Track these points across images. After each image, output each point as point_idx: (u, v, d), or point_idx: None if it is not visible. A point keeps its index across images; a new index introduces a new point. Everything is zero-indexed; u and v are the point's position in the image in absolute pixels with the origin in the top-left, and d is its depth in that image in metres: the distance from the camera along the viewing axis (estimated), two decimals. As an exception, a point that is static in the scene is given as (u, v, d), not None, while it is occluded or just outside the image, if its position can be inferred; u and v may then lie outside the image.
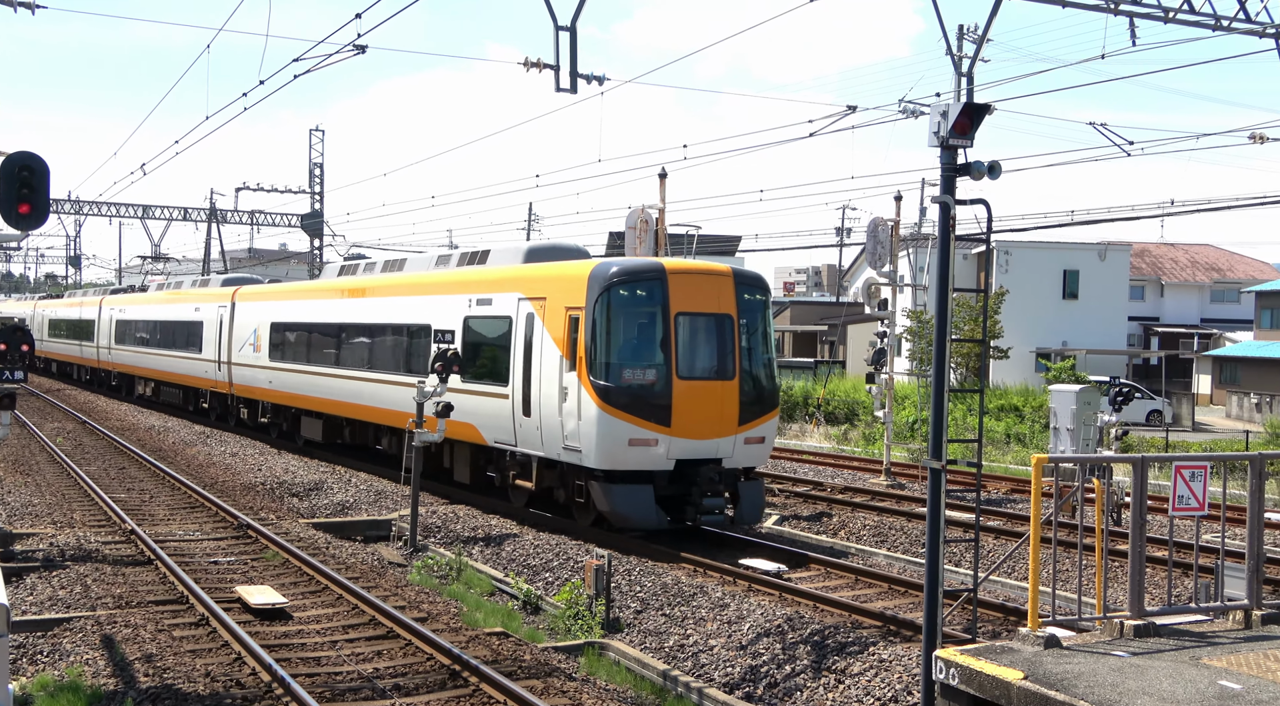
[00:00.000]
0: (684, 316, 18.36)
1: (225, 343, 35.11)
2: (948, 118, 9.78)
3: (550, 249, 22.89)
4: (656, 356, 18.33)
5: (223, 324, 35.43)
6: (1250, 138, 21.95)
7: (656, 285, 18.23)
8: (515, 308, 20.14)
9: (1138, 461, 8.48)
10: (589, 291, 18.34)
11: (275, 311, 32.15)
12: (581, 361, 18.11)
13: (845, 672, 12.55)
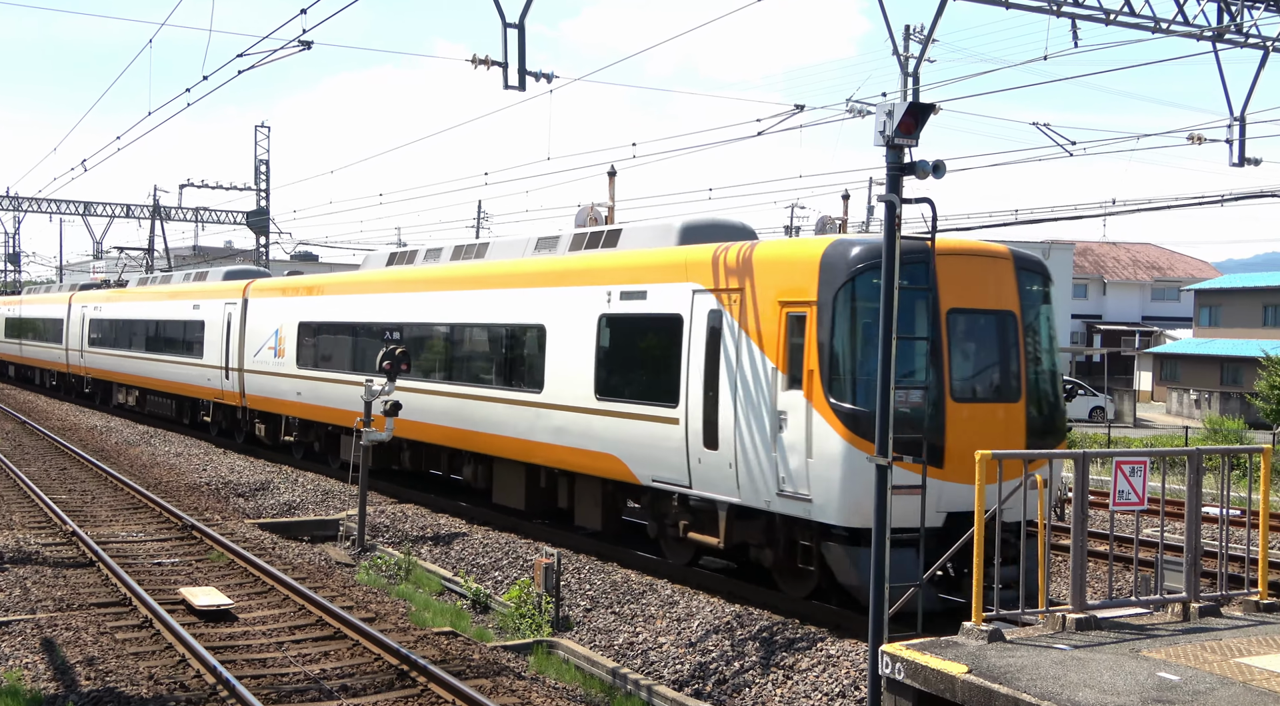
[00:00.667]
0: (959, 314, 13.60)
1: (235, 346, 29.68)
2: (893, 117, 9.87)
3: (714, 226, 17.12)
4: (923, 370, 13.18)
5: (231, 324, 30.07)
6: (1189, 139, 22.32)
7: (921, 271, 12.74)
8: (688, 302, 14.97)
9: (1079, 457, 8.60)
10: (824, 279, 13.36)
11: (305, 309, 26.67)
12: (813, 376, 13.14)
13: (794, 668, 12.63)
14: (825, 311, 13.19)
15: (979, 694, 6.98)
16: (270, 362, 27.80)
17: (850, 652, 12.53)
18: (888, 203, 10.06)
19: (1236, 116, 21.59)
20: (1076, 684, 6.83)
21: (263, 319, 28.50)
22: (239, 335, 29.43)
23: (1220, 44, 20.12)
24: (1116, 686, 6.78)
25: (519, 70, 15.30)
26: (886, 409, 9.78)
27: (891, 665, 7.70)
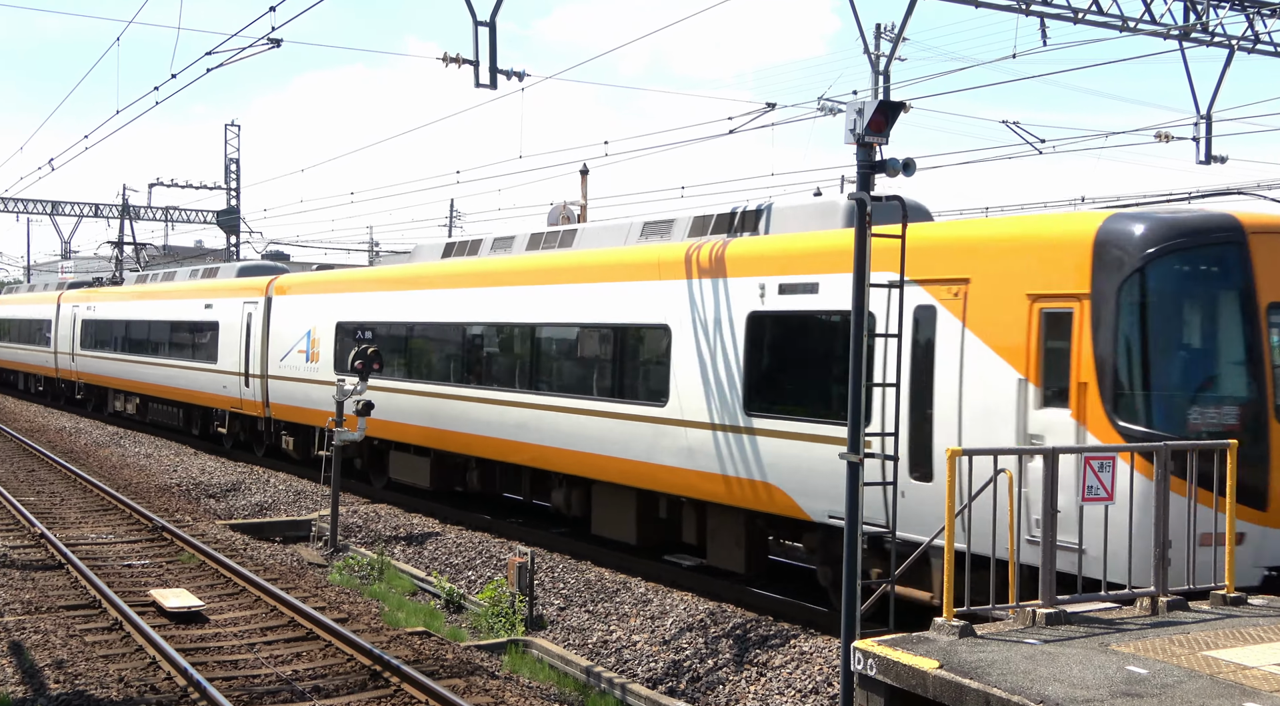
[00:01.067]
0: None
1: (257, 350, 26.49)
2: (863, 115, 9.89)
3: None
4: (1239, 382, 10.60)
5: (251, 326, 26.89)
6: (1156, 137, 22.50)
7: (1233, 255, 10.40)
8: (883, 296, 11.00)
9: (1049, 453, 8.66)
10: (1100, 265, 10.49)
11: (347, 308, 23.22)
12: (1086, 390, 10.27)
13: (767, 665, 12.66)
14: (1107, 307, 10.33)
15: (950, 689, 7.02)
16: (302, 368, 24.39)
17: (823, 649, 12.58)
18: (858, 200, 10.08)
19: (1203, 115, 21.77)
20: (1046, 678, 6.87)
21: (291, 319, 25.28)
22: (261, 337, 26.27)
23: (1187, 43, 20.28)
24: (1085, 680, 6.83)
25: (490, 68, 15.28)
26: (858, 405, 9.81)
27: (864, 661, 7.73)
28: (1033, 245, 11.22)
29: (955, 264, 11.62)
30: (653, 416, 15.19)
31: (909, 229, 10.46)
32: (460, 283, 20.04)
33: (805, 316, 13.40)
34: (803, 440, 12.97)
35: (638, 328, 15.72)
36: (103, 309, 38.17)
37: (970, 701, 6.89)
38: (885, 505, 10.58)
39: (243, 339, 27.15)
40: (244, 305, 27.44)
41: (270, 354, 25.90)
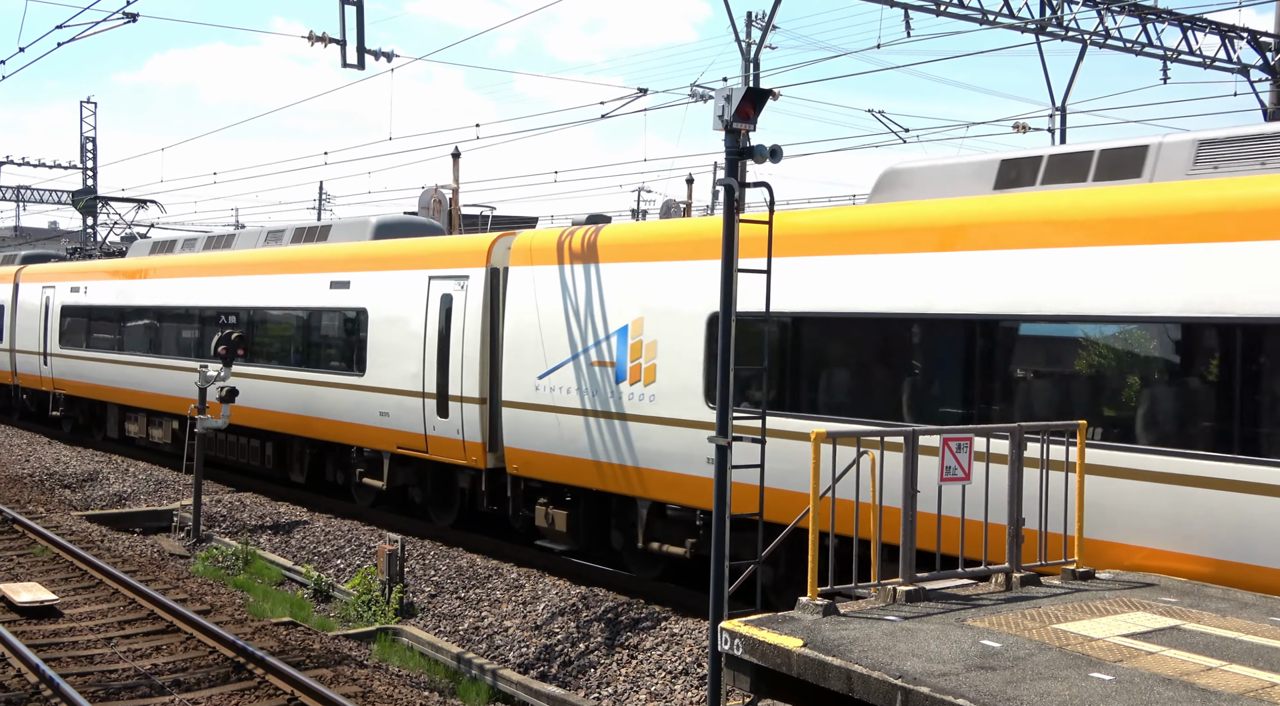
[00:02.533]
0: None
1: (475, 358, 16.46)
2: (732, 102, 9.98)
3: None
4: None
5: (463, 315, 16.77)
6: (1015, 127, 23.24)
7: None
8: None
9: (909, 434, 8.86)
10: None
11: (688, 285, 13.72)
12: None
13: (638, 648, 12.76)
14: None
15: (813, 666, 7.16)
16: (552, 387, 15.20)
17: (693, 631, 12.73)
18: (727, 186, 10.18)
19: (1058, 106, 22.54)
20: (905, 653, 7.06)
21: (567, 307, 15.17)
22: (480, 337, 16.43)
23: (1043, 37, 20.97)
24: (942, 654, 7.03)
25: (358, 48, 15.04)
26: (727, 388, 9.92)
27: (731, 641, 7.83)
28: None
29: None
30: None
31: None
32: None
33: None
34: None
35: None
36: (110, 292, 27.06)
37: (833, 678, 7.04)
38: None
39: (431, 340, 17.33)
40: (433, 284, 17.50)
41: (513, 363, 15.81)
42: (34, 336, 30.07)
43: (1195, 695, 6.28)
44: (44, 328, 29.72)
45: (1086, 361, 10.58)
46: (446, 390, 16.80)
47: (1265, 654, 7.09)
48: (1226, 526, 9.20)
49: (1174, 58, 23.22)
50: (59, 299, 29.22)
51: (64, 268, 30.41)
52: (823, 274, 12.30)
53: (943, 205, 11.72)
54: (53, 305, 29.46)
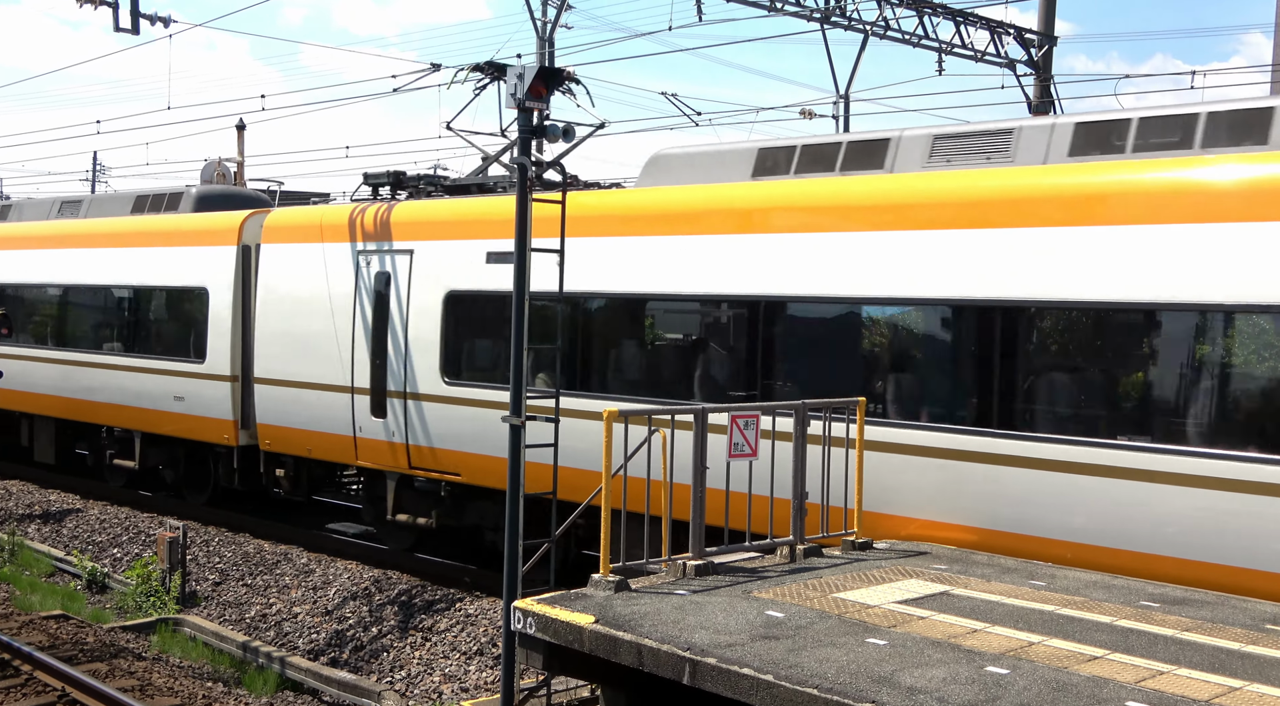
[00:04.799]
0: None
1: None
2: (524, 81, 9.95)
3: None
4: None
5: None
6: (802, 113, 23.92)
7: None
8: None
9: (699, 412, 9.06)
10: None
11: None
12: None
13: (433, 630, 12.66)
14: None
15: (605, 642, 7.27)
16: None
17: (489, 611, 12.71)
18: (520, 165, 10.15)
19: (842, 94, 23.32)
20: (694, 626, 7.23)
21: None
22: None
23: (827, 25, 21.65)
24: (729, 626, 7.24)
25: (131, 12, 14.31)
26: (520, 368, 9.92)
27: (524, 620, 7.86)
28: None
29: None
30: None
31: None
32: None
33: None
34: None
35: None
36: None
37: (623, 653, 7.16)
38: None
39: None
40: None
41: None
42: None
43: (961, 655, 6.66)
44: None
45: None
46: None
47: (1024, 615, 7.58)
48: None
49: (948, 50, 24.32)
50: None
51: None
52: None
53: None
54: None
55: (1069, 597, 8.09)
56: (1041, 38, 25.48)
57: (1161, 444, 8.92)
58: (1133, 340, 9.46)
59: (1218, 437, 8.72)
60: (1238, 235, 8.65)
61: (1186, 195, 9.05)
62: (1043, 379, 9.92)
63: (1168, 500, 8.80)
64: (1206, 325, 8.96)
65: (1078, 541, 9.27)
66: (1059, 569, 9.09)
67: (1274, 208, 8.53)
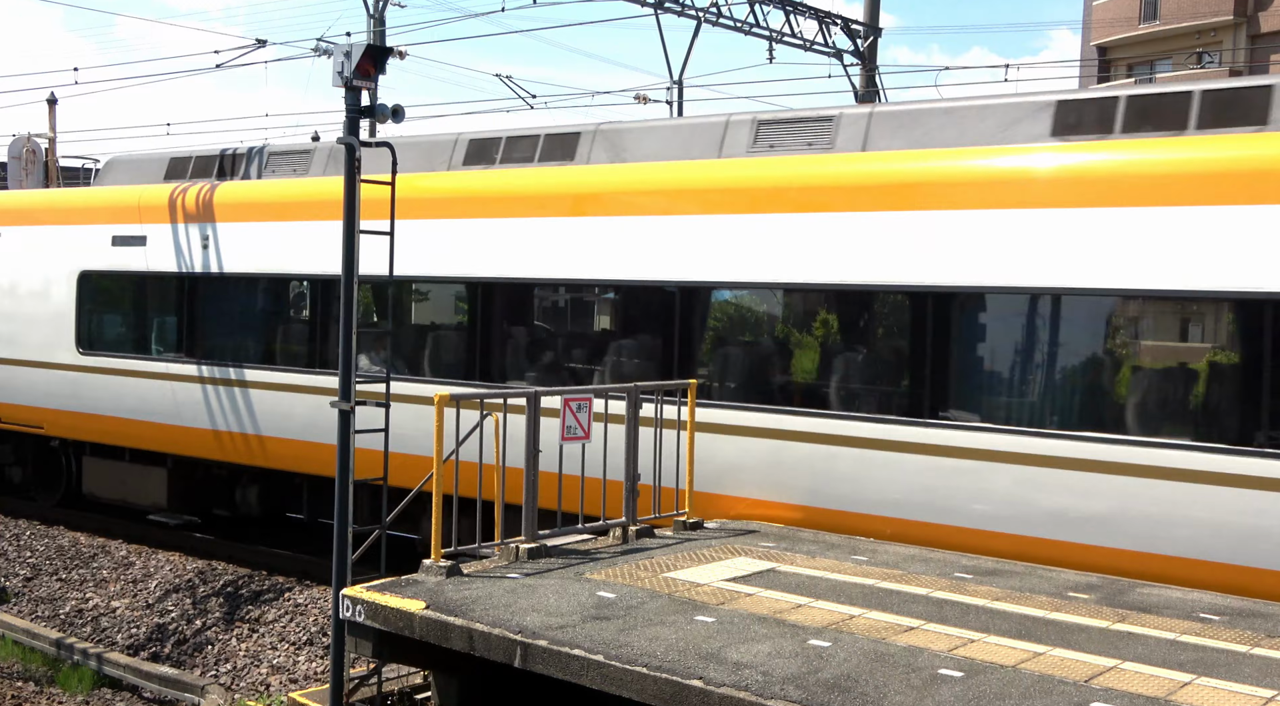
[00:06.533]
0: None
1: None
2: (351, 59, 9.75)
3: None
4: None
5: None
6: (636, 98, 24.05)
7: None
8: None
9: (532, 395, 9.06)
10: None
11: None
12: None
13: (260, 621, 12.36)
14: None
15: (436, 628, 7.22)
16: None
17: (319, 600, 12.48)
18: (347, 145, 9.95)
19: (675, 79, 23.54)
20: (525, 608, 7.24)
21: None
22: None
23: (661, 11, 21.81)
24: (561, 608, 7.27)
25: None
26: (350, 354, 9.74)
27: (353, 608, 7.75)
28: None
29: None
30: None
31: None
32: None
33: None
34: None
35: None
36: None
37: (455, 638, 7.13)
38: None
39: None
40: None
41: None
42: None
43: (785, 630, 6.84)
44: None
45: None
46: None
47: (846, 589, 7.83)
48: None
49: (778, 39, 24.79)
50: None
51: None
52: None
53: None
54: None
55: (889, 571, 8.39)
56: (867, 29, 26.19)
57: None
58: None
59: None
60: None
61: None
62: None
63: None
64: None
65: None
66: (880, 544, 9.42)
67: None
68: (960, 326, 9.73)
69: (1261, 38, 49.80)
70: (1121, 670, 6.21)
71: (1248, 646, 6.72)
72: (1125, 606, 7.55)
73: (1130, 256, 8.67)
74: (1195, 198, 8.45)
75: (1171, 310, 8.97)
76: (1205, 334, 8.97)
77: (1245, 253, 8.22)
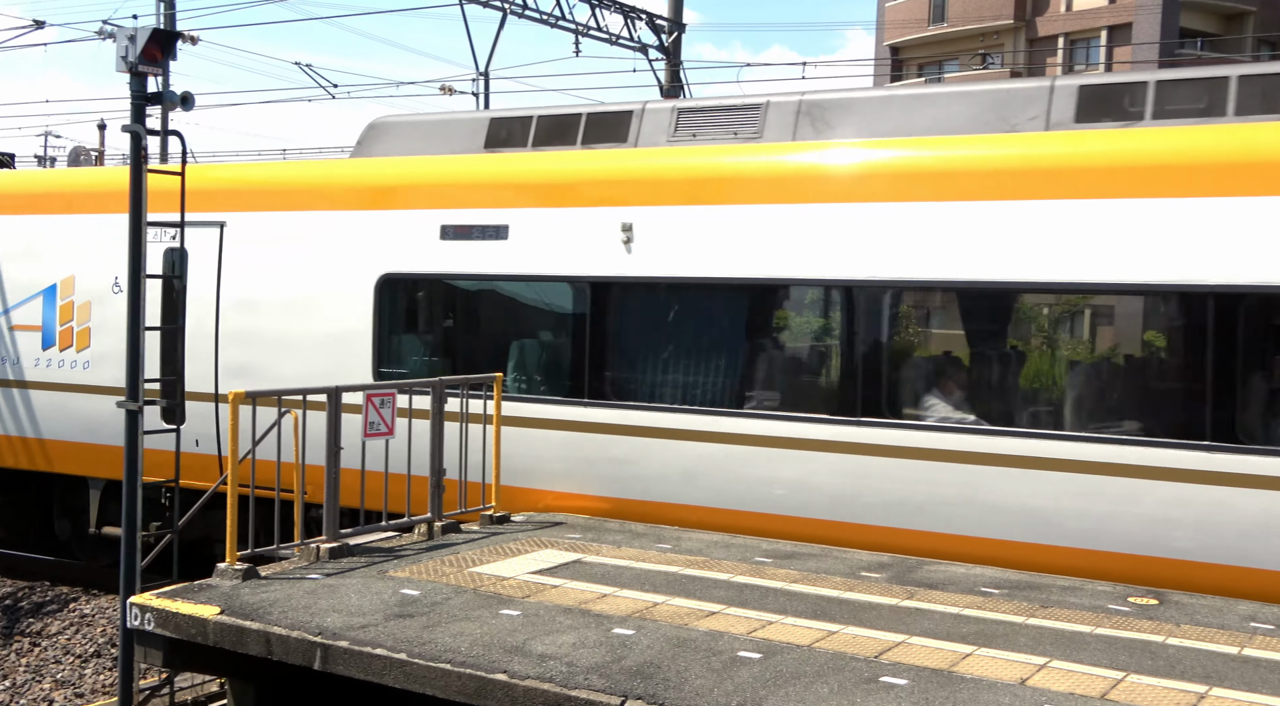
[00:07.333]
0: None
1: None
2: (136, 43, 9.32)
3: None
4: None
5: None
6: (442, 89, 23.77)
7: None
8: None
9: (333, 391, 8.85)
10: None
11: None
12: None
13: (42, 633, 11.74)
14: None
15: (231, 633, 6.99)
16: None
17: (107, 609, 11.93)
18: (132, 133, 9.51)
19: (482, 71, 23.36)
20: (326, 609, 7.08)
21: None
22: None
23: (467, 2, 21.61)
24: (363, 607, 7.14)
25: None
26: (136, 352, 9.32)
27: (142, 616, 7.42)
28: None
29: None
30: None
31: None
32: None
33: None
34: None
35: None
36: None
37: (251, 643, 6.91)
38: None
39: None
40: None
41: None
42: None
43: (590, 620, 6.88)
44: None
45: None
46: None
47: (651, 578, 7.93)
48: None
49: (584, 32, 24.88)
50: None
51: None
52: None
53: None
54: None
55: (692, 558, 8.54)
56: (671, 24, 26.53)
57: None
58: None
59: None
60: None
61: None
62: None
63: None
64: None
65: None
66: (685, 531, 9.57)
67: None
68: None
69: (1039, 41, 52.71)
70: (909, 644, 6.48)
71: (1024, 617, 7.10)
72: (914, 583, 7.89)
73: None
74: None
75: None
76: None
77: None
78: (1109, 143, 8.83)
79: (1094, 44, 51.00)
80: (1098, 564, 8.37)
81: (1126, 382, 8.87)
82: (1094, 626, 6.92)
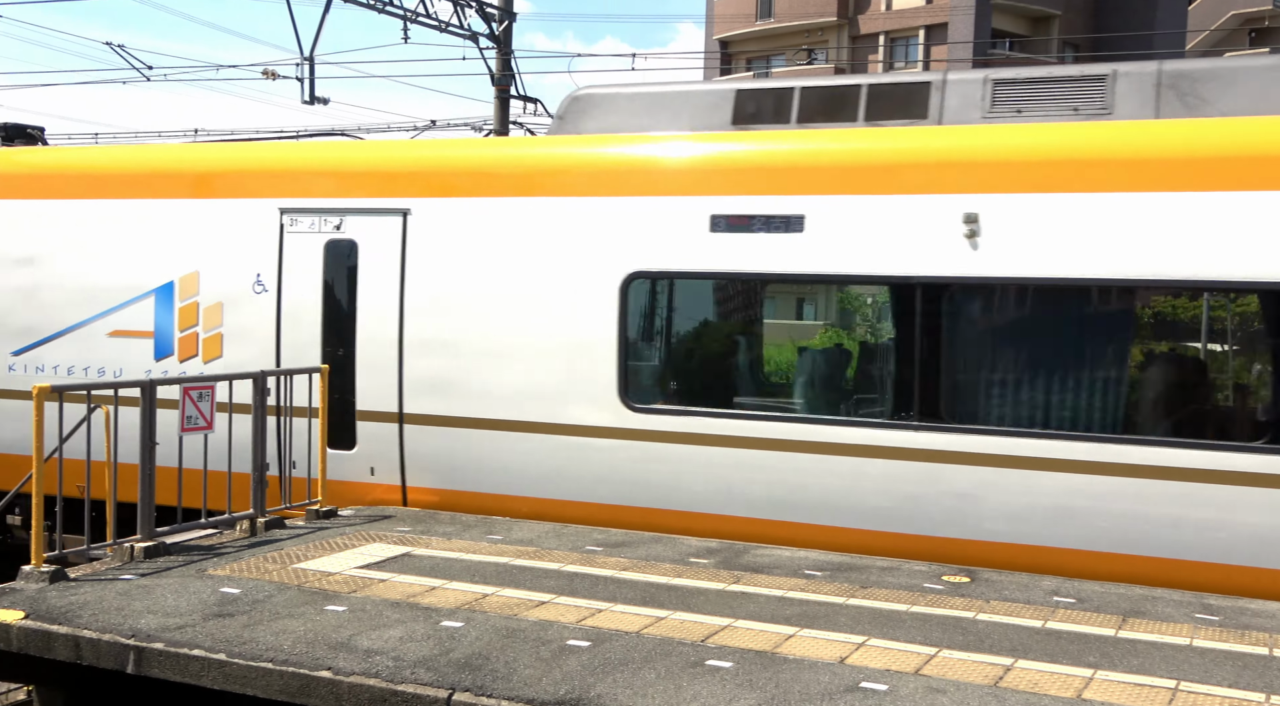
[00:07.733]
0: None
1: None
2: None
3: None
4: None
5: None
6: (264, 74, 23.09)
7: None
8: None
9: (148, 385, 8.53)
10: None
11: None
12: None
13: None
14: None
15: (37, 638, 6.67)
16: None
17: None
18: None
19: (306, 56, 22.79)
20: (140, 611, 6.83)
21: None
22: None
23: (289, -16, 21.01)
24: (180, 607, 6.91)
25: None
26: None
27: (-62, 624, 7.01)
28: None
29: None
30: None
31: None
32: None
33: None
34: None
35: None
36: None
37: (59, 648, 6.61)
38: None
39: None
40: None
41: None
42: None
43: (419, 613, 6.81)
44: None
45: None
46: None
47: (481, 569, 7.89)
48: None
49: (413, 19, 24.49)
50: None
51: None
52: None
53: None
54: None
55: (523, 548, 8.53)
56: (502, 13, 26.33)
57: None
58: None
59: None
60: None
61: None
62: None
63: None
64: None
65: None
66: (517, 522, 9.56)
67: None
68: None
69: (861, 38, 54.26)
70: (735, 628, 6.61)
71: (844, 598, 7.33)
72: (740, 568, 8.05)
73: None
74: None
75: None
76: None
77: None
78: None
79: (913, 43, 52.80)
80: None
81: None
82: (910, 604, 7.18)
